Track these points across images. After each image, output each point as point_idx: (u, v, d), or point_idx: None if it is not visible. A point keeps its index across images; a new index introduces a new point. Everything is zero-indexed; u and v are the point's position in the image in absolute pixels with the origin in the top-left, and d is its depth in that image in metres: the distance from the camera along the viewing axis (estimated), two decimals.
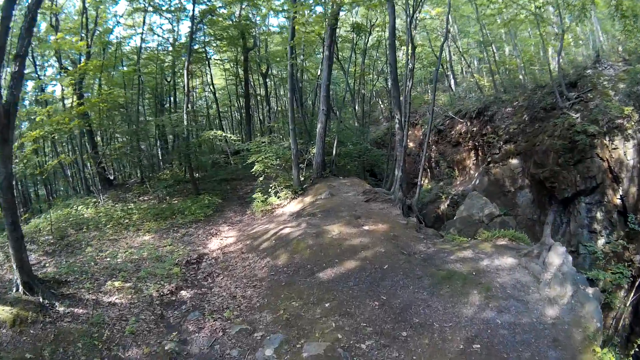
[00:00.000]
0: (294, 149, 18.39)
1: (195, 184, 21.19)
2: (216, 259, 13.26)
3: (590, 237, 19.13)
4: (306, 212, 15.71)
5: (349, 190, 17.33)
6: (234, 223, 17.64)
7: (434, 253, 11.44)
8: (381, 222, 13.82)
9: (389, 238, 12.44)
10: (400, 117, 15.37)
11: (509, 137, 23.43)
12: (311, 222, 14.30)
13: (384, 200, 15.66)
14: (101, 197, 21.29)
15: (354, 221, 13.98)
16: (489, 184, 23.49)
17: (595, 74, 21.44)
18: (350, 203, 15.81)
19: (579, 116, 20.09)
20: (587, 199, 19.27)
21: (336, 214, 14.79)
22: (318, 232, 13.19)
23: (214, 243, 14.87)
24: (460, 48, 31.69)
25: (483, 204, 17.71)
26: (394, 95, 15.44)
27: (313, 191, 17.77)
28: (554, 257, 9.74)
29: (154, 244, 14.59)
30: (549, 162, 20.42)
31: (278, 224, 15.23)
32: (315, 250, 12.19)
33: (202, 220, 17.65)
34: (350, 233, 13.02)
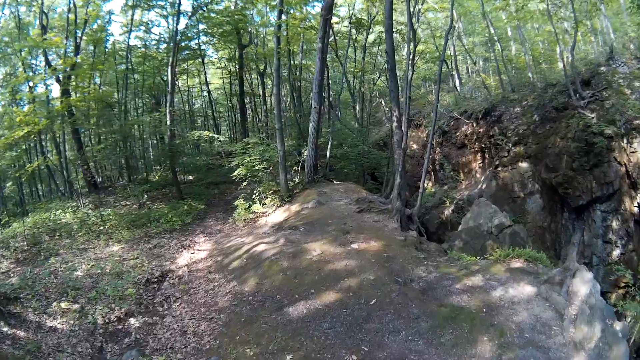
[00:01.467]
0: (281, 150, 16.51)
1: (179, 188, 19.47)
2: (180, 279, 11.49)
3: (605, 247, 17.27)
4: (288, 224, 13.72)
5: (342, 197, 15.41)
6: (212, 233, 15.85)
7: (435, 280, 9.27)
8: (374, 238, 11.70)
9: (381, 260, 10.27)
10: (399, 114, 13.25)
11: (518, 138, 21.51)
12: (291, 238, 12.20)
13: (379, 210, 13.69)
14: (81, 201, 19.68)
15: (341, 237, 11.86)
16: (496, 189, 21.56)
17: (609, 71, 19.59)
18: (340, 214, 13.81)
19: (595, 116, 18.17)
20: (603, 206, 17.42)
21: (322, 228, 12.69)
22: (296, 252, 11.08)
23: (183, 257, 13.10)
24: (465, 46, 29.67)
25: (492, 213, 15.80)
26: (392, 89, 13.33)
27: (301, 198, 15.90)
28: (579, 285, 7.84)
29: (121, 256, 13.07)
30: (561, 166, 18.50)
31: (255, 238, 13.28)
32: (289, 275, 10.07)
33: (177, 229, 15.91)
34: (335, 253, 10.82)
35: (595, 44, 26.98)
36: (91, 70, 24.46)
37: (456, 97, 29.31)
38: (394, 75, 12.82)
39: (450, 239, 15.71)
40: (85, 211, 18.16)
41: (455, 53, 30.68)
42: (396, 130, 13.40)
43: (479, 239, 15.32)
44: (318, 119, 17.23)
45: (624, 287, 16.49)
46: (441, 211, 24.60)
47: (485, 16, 24.07)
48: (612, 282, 16.78)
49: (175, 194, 19.48)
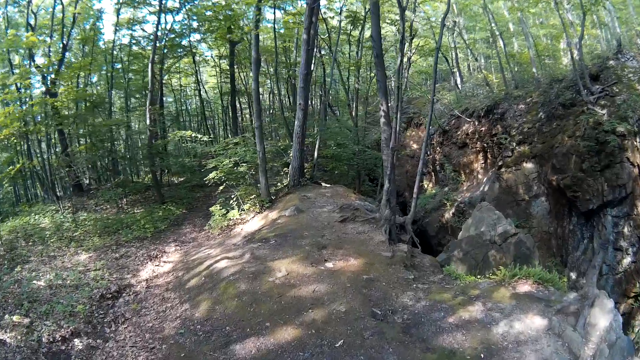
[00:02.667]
0: (260, 152, 14.76)
1: (159, 191, 18.04)
2: (136, 295, 10.11)
3: (615, 254, 15.62)
4: (259, 236, 11.87)
5: (326, 203, 13.77)
6: (184, 242, 14.32)
7: (424, 311, 7.43)
8: (355, 254, 9.90)
9: (359, 284, 8.49)
10: (386, 108, 11.34)
11: (523, 137, 19.82)
12: (257, 253, 10.40)
13: (365, 219, 12.01)
14: (60, 204, 18.36)
15: (314, 254, 10.02)
16: (499, 191, 19.88)
17: (618, 65, 17.97)
18: (320, 224, 12.04)
19: (606, 113, 16.48)
20: (614, 211, 15.81)
21: (295, 241, 10.86)
22: (258, 272, 9.37)
23: (146, 270, 11.68)
24: (466, 41, 27.87)
25: (495, 220, 14.14)
26: (379, 79, 11.32)
27: (282, 204, 14.30)
28: (598, 316, 6.28)
29: (85, 266, 11.82)
30: (570, 167, 16.83)
31: (223, 250, 11.57)
32: (245, 302, 8.38)
33: (149, 237, 14.52)
34: (303, 275, 9.09)
35: (602, 39, 25.24)
36: (79, 70, 23.26)
37: (457, 95, 27.57)
38: (380, 64, 11.10)
39: (449, 249, 14.07)
40: (64, 215, 17.05)
41: (457, 50, 28.91)
42: (383, 127, 11.68)
43: (480, 249, 13.67)
44: (304, 117, 15.63)
45: (634, 297, 14.97)
46: (441, 214, 22.96)
47: (486, 10, 22.30)
48: (622, 292, 15.21)
49: (156, 198, 18.02)
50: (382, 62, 11.18)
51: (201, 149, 21.52)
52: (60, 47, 21.97)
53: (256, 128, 14.75)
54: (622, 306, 15.03)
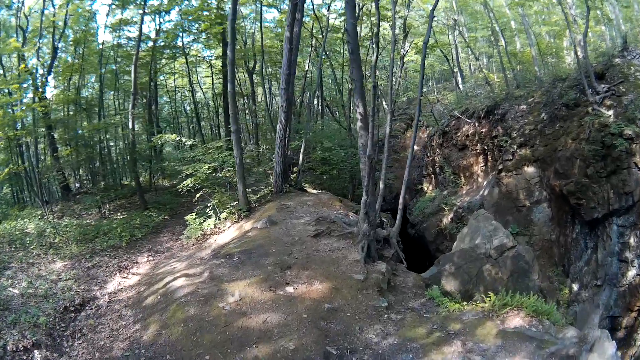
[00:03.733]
0: (237, 157, 13.61)
1: (142, 197, 17.05)
2: (97, 309, 9.53)
3: (620, 267, 14.21)
4: (225, 251, 10.65)
5: (305, 213, 12.53)
6: (158, 252, 13.38)
7: (390, 352, 6.17)
8: (322, 277, 8.69)
9: (318, 315, 7.30)
10: (363, 111, 9.92)
11: (524, 140, 18.40)
12: (216, 272, 9.28)
13: (341, 234, 10.73)
14: (46, 209, 17.51)
15: (276, 275, 8.86)
16: (499, 197, 18.49)
17: (624, 63, 16.53)
18: (292, 238, 10.78)
19: (612, 114, 15.02)
20: (621, 220, 14.42)
21: (258, 259, 9.65)
22: (210, 294, 8.33)
23: (114, 282, 11.05)
24: (466, 39, 26.37)
25: (492, 231, 12.83)
26: (354, 77, 9.96)
27: (260, 213, 13.16)
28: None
29: (59, 275, 11.32)
30: (574, 172, 15.43)
31: (187, 265, 10.51)
32: (190, 329, 7.37)
33: (124, 246, 13.71)
34: (258, 301, 8.01)
35: (607, 36, 23.58)
36: (70, 73, 22.46)
37: (458, 95, 26.12)
38: (356, 60, 9.75)
39: (440, 262, 12.77)
40: (49, 220, 16.29)
41: (457, 49, 27.41)
42: (360, 132, 10.22)
43: (474, 263, 12.36)
44: (286, 120, 14.46)
45: (637, 311, 13.42)
46: (440, 219, 21.64)
47: (486, 7, 20.85)
48: (625, 305, 13.69)
49: (138, 203, 17.08)
50: (357, 58, 9.87)
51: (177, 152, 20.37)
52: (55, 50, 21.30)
53: (233, 132, 13.59)
54: (624, 320, 13.59)
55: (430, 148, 25.80)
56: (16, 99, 19.90)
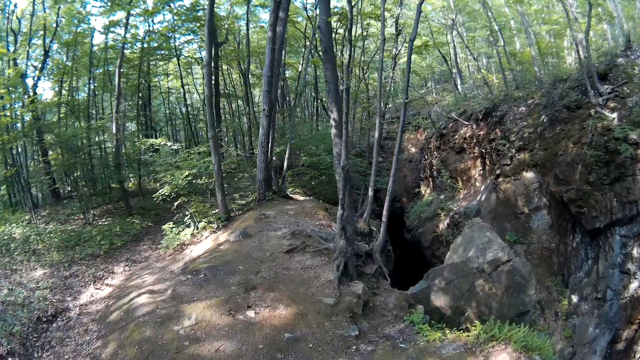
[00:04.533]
0: (216, 164, 12.75)
1: (127, 203, 16.24)
2: (68, 322, 9.19)
3: (622, 278, 13.12)
4: (193, 266, 9.77)
5: (284, 224, 11.54)
6: (135, 262, 12.66)
7: None
8: (288, 300, 7.83)
9: (276, 346, 6.45)
10: (337, 116, 8.82)
11: (523, 143, 17.30)
12: (178, 290, 8.52)
13: (317, 250, 9.72)
14: (33, 214, 16.85)
15: (239, 297, 8.01)
16: (497, 203, 17.41)
17: (628, 63, 15.41)
18: (263, 254, 9.81)
19: (616, 116, 13.87)
20: (624, 230, 13.35)
21: (224, 277, 8.77)
22: (167, 315, 7.62)
23: (87, 293, 10.60)
24: (464, 38, 25.17)
25: (486, 244, 11.83)
26: (328, 79, 8.91)
27: (238, 223, 12.29)
28: None
29: (37, 283, 11.00)
30: (575, 178, 14.34)
31: (156, 280, 9.75)
32: (143, 351, 6.79)
33: (102, 255, 13.11)
34: (215, 326, 7.22)
35: (609, 36, 22.29)
36: (62, 75, 21.72)
37: (456, 97, 24.97)
38: (330, 61, 8.68)
39: (430, 277, 11.77)
40: (36, 226, 15.65)
41: (456, 50, 26.24)
42: (335, 140, 9.09)
43: (466, 278, 11.38)
44: (268, 124, 13.52)
45: (639, 324, 12.39)
46: (436, 224, 20.57)
47: (484, 5, 19.69)
48: (626, 318, 12.66)
49: (123, 209, 16.29)
50: (332, 58, 8.85)
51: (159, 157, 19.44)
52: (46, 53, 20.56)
53: (210, 138, 12.70)
54: (625, 333, 12.59)
55: (427, 151, 24.72)
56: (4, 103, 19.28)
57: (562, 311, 14.58)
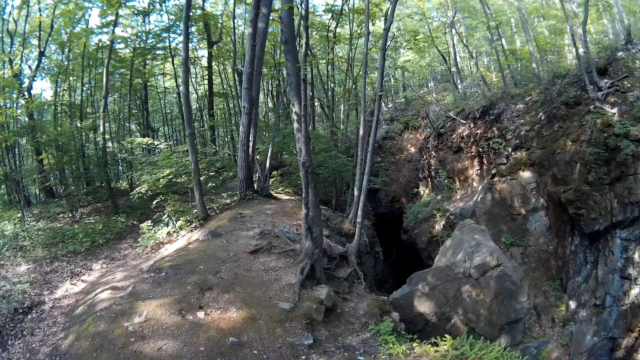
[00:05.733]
0: (193, 163, 12.05)
1: (114, 201, 15.66)
2: (41, 314, 9.42)
3: (622, 284, 12.04)
4: (159, 264, 9.36)
5: (258, 224, 10.78)
6: (114, 259, 12.33)
7: None
8: (241, 302, 7.28)
9: (218, 350, 5.99)
10: (299, 110, 7.90)
11: (520, 142, 16.24)
12: (137, 288, 8.21)
13: (283, 251, 8.94)
14: (24, 211, 16.46)
15: (192, 297, 7.56)
16: (492, 204, 16.36)
17: (629, 57, 14.35)
18: (228, 254, 9.21)
19: (617, 112, 12.77)
20: (625, 232, 12.24)
21: (183, 276, 8.36)
22: (121, 311, 7.50)
23: (63, 288, 10.69)
24: (460, 35, 24.03)
25: (474, 247, 10.85)
26: (290, 71, 8.07)
27: (213, 222, 11.67)
28: None
29: (20, 278, 11.22)
30: (573, 178, 13.28)
31: (124, 277, 9.51)
32: (94, 345, 6.81)
33: (82, 252, 12.82)
34: (162, 325, 6.94)
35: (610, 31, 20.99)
36: (57, 76, 21.29)
37: (455, 96, 23.87)
38: (291, 52, 7.82)
39: (413, 281, 10.81)
40: (24, 223, 15.44)
41: (455, 49, 25.12)
42: (297, 135, 8.17)
43: (451, 284, 10.41)
44: (249, 122, 12.73)
45: (639, 333, 11.34)
46: (432, 225, 19.57)
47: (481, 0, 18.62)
48: (626, 326, 11.62)
49: (111, 208, 15.77)
50: (293, 49, 7.99)
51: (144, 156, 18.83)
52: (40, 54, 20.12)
53: (187, 136, 12.01)
54: (624, 341, 11.54)
55: (426, 150, 23.67)
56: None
57: (559, 317, 13.50)
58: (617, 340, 11.89)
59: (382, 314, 7.91)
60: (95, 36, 21.39)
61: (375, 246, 14.45)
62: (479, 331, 10.50)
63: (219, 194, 16.28)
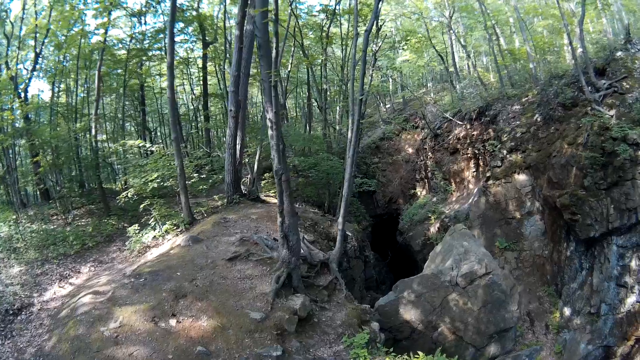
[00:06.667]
0: (179, 166, 11.58)
1: (105, 203, 15.29)
2: (30, 315, 9.42)
3: (618, 292, 11.52)
4: (140, 269, 9.18)
5: (241, 230, 10.37)
6: (102, 262, 12.03)
7: None
8: (213, 311, 7.10)
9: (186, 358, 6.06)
10: (273, 115, 7.34)
11: (515, 144, 15.65)
12: (117, 293, 8.16)
13: (260, 259, 8.51)
14: (19, 213, 16.19)
15: (166, 304, 7.40)
16: (486, 208, 15.78)
17: (628, 57, 13.68)
18: (205, 261, 8.92)
19: (614, 114, 12.12)
20: (621, 239, 11.65)
21: (160, 282, 8.21)
22: (99, 316, 7.51)
23: (51, 291, 10.57)
24: (462, 39, 23.37)
25: (462, 254, 10.32)
26: (263, 77, 7.46)
27: (198, 227, 11.32)
28: None
29: (12, 279, 11.08)
30: (569, 182, 12.69)
31: (108, 281, 9.36)
32: (73, 347, 6.89)
33: (72, 255, 12.58)
34: (135, 331, 6.91)
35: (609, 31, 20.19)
36: (53, 78, 20.93)
37: (452, 96, 23.21)
38: (264, 57, 7.30)
39: (398, 288, 10.31)
40: (18, 225, 14.93)
41: (453, 48, 24.42)
42: (271, 142, 7.46)
43: (437, 292, 9.89)
44: (235, 125, 12.26)
45: (635, 341, 10.89)
46: (427, 227, 19.02)
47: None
48: (622, 334, 11.14)
49: (103, 210, 15.44)
50: (267, 54, 7.45)
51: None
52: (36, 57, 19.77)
53: (173, 140, 11.61)
54: (619, 349, 11.08)
55: (423, 151, 23.07)
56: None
57: (553, 324, 12.94)
58: (612, 348, 11.35)
59: (360, 324, 7.42)
60: (91, 37, 21.11)
61: (365, 250, 13.94)
62: (467, 340, 9.99)
63: (210, 196, 15.86)
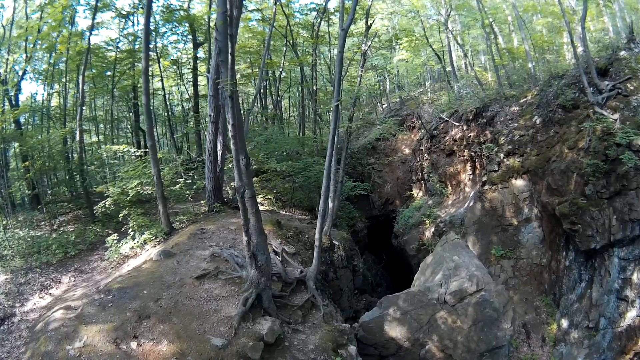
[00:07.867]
0: (155, 175, 10.86)
1: (91, 210, 14.50)
2: (11, 326, 9.28)
3: (618, 305, 10.53)
4: (110, 285, 8.66)
5: (215, 242, 9.65)
6: (83, 272, 11.42)
7: None
8: (174, 336, 6.67)
9: None
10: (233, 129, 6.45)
11: (513, 147, 14.64)
12: (86, 310, 7.87)
13: (229, 278, 7.71)
14: (8, 219, 15.57)
15: (129, 325, 7.06)
16: (482, 214, 14.82)
17: (632, 56, 12.72)
18: (173, 278, 8.30)
19: (618, 118, 11.08)
20: (623, 252, 10.71)
21: (126, 301, 7.78)
22: (67, 334, 7.28)
23: (32, 301, 10.32)
24: (459, 38, 22.25)
25: (452, 270, 9.40)
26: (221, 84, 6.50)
27: (175, 238, 10.60)
28: None
29: None
30: (569, 189, 11.71)
31: (82, 295, 8.98)
32: None
33: (54, 263, 12.00)
34: (97, 352, 6.69)
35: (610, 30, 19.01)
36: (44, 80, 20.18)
37: (450, 96, 22.14)
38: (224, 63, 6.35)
39: (383, 305, 9.43)
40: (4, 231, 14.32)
41: (450, 47, 23.31)
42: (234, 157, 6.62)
43: (424, 310, 9.00)
44: (215, 131, 11.39)
45: (634, 355, 9.97)
46: (422, 232, 18.13)
47: None
48: (620, 349, 10.21)
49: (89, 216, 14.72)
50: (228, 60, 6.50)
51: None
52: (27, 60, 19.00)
53: (150, 147, 10.72)
54: None
55: (419, 152, 22.06)
56: None
57: (549, 336, 12.01)
58: None
59: (336, 348, 6.56)
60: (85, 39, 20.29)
61: (353, 259, 13.07)
62: (457, 358, 9.15)
63: (198, 201, 15.05)
